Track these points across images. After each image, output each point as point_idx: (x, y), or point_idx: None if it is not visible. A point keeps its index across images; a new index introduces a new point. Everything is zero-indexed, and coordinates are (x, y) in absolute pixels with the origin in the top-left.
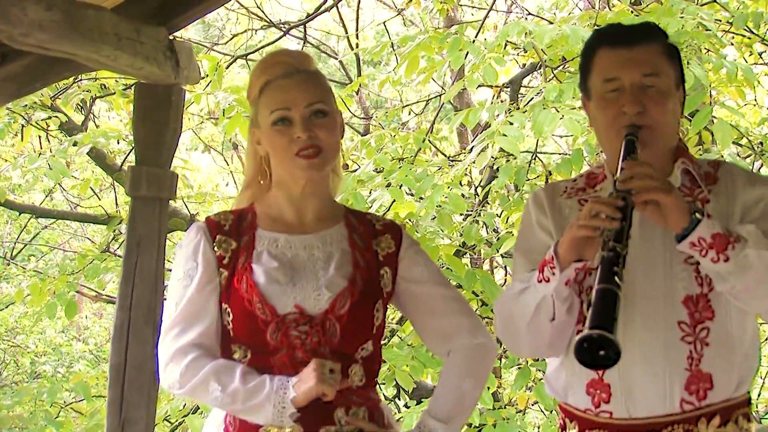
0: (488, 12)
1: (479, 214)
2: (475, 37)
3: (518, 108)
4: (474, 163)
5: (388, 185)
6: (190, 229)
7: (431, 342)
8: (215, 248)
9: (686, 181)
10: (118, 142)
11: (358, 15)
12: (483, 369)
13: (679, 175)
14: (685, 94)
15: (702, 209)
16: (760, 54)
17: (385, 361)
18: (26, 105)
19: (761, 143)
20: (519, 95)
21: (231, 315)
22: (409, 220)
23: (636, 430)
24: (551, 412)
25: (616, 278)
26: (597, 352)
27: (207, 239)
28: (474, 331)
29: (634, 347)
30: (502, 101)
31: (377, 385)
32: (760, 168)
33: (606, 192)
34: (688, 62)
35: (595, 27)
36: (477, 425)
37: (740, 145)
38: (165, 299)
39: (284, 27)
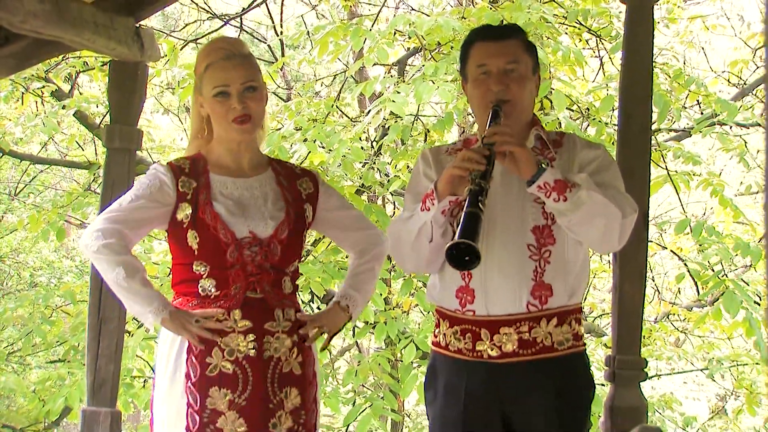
0: (381, 8)
1: (374, 163)
2: (371, 26)
3: (404, 81)
4: (370, 123)
5: (305, 140)
6: (157, 165)
7: (348, 248)
8: (180, 186)
9: (538, 144)
10: (97, 106)
11: (282, 10)
12: (382, 260)
13: (533, 139)
14: (540, 80)
15: (547, 161)
16: (587, 41)
17: (302, 274)
18: (25, 77)
19: (587, 109)
20: (404, 71)
21: (198, 238)
22: (321, 167)
23: (492, 324)
24: (429, 313)
25: (480, 205)
26: (464, 258)
27: (173, 178)
28: (375, 239)
29: (494, 262)
30: (392, 76)
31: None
32: (587, 128)
33: None
34: None
35: (462, 19)
36: (372, 323)
37: (572, 110)
38: None
39: (225, 18)
